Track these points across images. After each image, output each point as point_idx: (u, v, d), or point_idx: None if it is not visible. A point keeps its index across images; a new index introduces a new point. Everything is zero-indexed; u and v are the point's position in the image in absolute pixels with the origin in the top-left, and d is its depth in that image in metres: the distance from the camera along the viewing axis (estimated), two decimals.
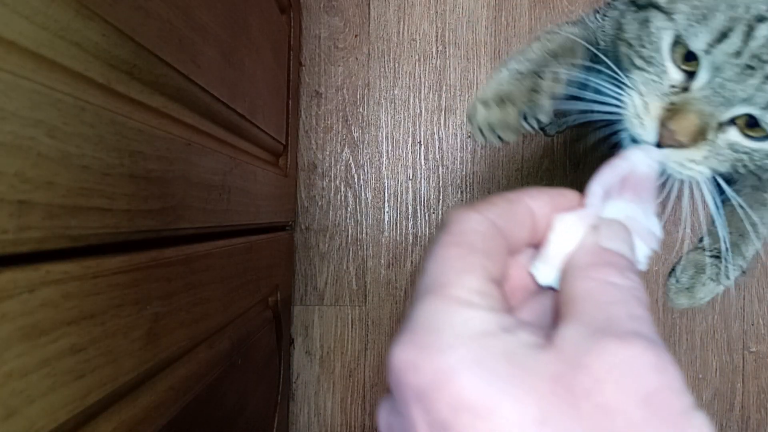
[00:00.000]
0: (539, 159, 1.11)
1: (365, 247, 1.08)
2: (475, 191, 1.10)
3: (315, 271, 1.09)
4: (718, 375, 1.10)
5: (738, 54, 0.37)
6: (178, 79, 0.49)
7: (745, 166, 0.41)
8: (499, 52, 1.11)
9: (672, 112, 0.39)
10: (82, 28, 0.34)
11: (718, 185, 0.45)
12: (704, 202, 0.44)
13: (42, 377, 0.31)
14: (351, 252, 1.09)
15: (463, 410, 0.20)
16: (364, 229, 1.08)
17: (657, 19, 0.41)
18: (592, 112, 0.46)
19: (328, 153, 1.08)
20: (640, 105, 0.40)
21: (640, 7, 0.44)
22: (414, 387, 0.21)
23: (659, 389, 0.20)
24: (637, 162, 0.35)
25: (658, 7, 0.41)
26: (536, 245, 0.29)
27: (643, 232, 0.32)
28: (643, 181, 0.35)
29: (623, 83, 0.43)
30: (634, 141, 0.42)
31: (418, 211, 1.08)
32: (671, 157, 0.40)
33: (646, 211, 0.33)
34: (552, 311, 0.27)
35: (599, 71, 0.46)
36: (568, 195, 0.31)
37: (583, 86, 0.50)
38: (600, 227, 0.28)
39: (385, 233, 1.08)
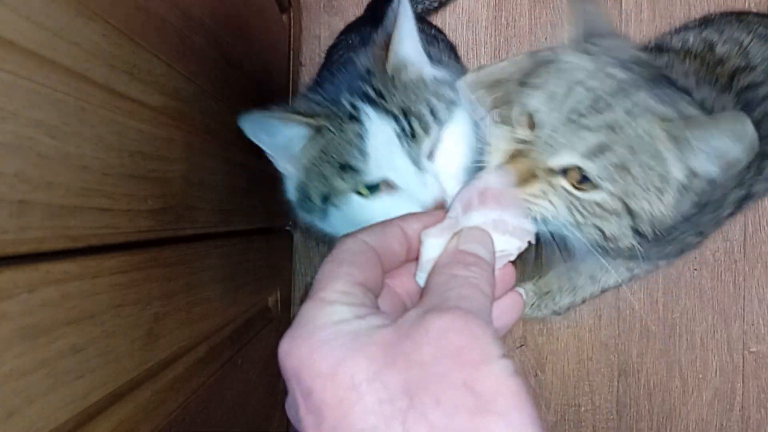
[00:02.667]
0: None
1: None
2: None
3: (315, 271, 1.09)
4: (718, 375, 1.10)
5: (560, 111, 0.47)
6: (178, 79, 0.49)
7: (581, 214, 0.48)
8: (499, 52, 1.11)
9: (513, 156, 0.48)
10: (82, 28, 0.34)
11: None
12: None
13: (42, 377, 0.31)
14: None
15: (318, 377, 0.27)
16: None
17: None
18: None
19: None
20: (495, 150, 0.50)
21: None
22: (290, 369, 0.28)
23: (463, 346, 0.27)
24: (490, 180, 0.43)
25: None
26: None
27: (514, 230, 0.39)
28: (502, 193, 0.42)
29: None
30: None
31: None
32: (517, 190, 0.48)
33: (515, 213, 0.40)
34: None
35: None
36: (434, 214, 0.39)
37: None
38: (461, 233, 0.36)
39: None
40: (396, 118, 0.50)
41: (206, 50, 0.56)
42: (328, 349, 0.27)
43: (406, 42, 0.53)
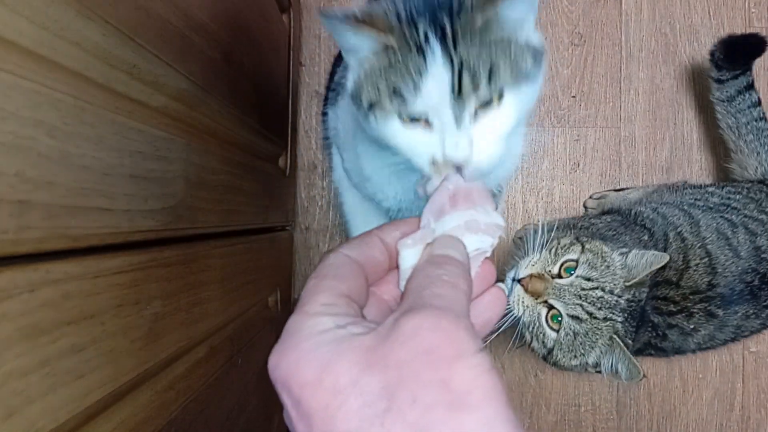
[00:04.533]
0: (539, 159, 1.11)
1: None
2: None
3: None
4: (718, 375, 1.10)
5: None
6: (178, 79, 0.49)
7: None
8: None
9: (538, 275, 0.69)
10: (82, 28, 0.34)
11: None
12: None
13: (42, 377, 0.31)
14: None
15: (305, 386, 0.28)
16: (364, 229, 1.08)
17: None
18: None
19: (328, 153, 1.08)
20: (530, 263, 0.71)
21: None
22: (279, 380, 0.29)
23: (437, 343, 0.28)
24: (457, 181, 0.46)
25: None
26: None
27: (486, 227, 0.41)
28: (471, 191, 0.45)
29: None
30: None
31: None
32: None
33: (486, 210, 0.43)
34: None
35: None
36: (411, 221, 0.41)
37: None
38: (434, 241, 0.38)
39: None
40: (453, 70, 0.50)
41: (206, 50, 0.56)
42: (312, 358, 0.29)
43: (518, 7, 0.51)
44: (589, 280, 0.71)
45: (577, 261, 0.72)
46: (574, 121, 1.11)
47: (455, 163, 0.50)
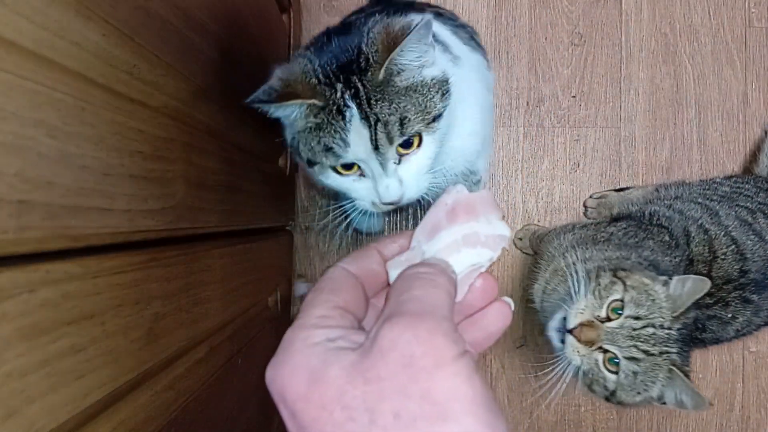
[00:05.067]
0: (539, 159, 1.11)
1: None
2: None
3: (315, 271, 1.09)
4: (718, 375, 1.10)
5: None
6: (178, 79, 0.49)
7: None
8: (499, 51, 1.11)
9: (588, 323, 0.71)
10: (82, 28, 0.34)
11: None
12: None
13: (42, 377, 0.31)
14: (351, 252, 1.09)
15: (298, 399, 0.29)
16: (364, 230, 1.08)
17: None
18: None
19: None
20: (578, 312, 0.73)
21: None
22: (276, 393, 0.30)
23: (414, 353, 0.28)
24: (457, 194, 0.43)
25: None
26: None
27: (487, 239, 0.40)
28: (473, 201, 0.42)
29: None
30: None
31: (418, 210, 1.08)
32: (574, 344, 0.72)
33: (490, 220, 0.41)
34: None
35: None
36: (408, 233, 0.42)
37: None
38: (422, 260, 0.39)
39: (385, 233, 1.08)
40: (370, 125, 0.55)
41: (206, 50, 0.56)
42: (303, 372, 0.29)
43: (409, 54, 0.56)
44: (638, 318, 0.70)
45: (622, 300, 0.71)
46: (574, 121, 1.11)
47: (390, 203, 0.58)
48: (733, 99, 1.11)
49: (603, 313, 0.71)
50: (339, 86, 0.55)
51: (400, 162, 0.58)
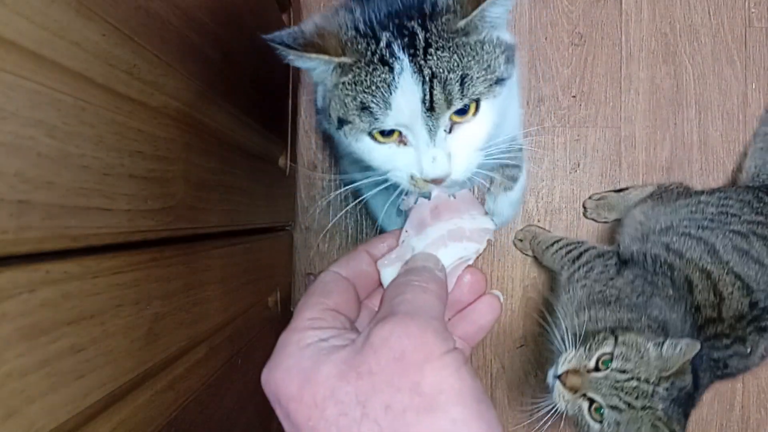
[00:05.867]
0: (539, 159, 1.11)
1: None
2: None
3: (315, 271, 1.09)
4: None
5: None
6: (178, 79, 0.49)
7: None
8: None
9: (574, 370, 0.75)
10: (82, 28, 0.34)
11: None
12: None
13: (42, 377, 0.31)
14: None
15: (291, 400, 0.30)
16: (364, 229, 1.08)
17: None
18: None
19: (328, 153, 1.08)
20: (567, 360, 0.76)
21: None
22: (271, 395, 0.31)
23: (405, 349, 0.29)
24: (439, 195, 0.47)
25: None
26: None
27: (472, 233, 0.42)
28: (454, 201, 0.45)
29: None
30: None
31: None
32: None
33: (473, 216, 0.43)
34: None
35: None
36: (395, 233, 0.43)
37: None
38: (410, 259, 0.40)
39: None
40: (424, 81, 0.46)
41: (206, 50, 0.56)
42: (296, 373, 0.30)
43: (499, 8, 0.48)
44: (623, 372, 0.73)
45: (612, 354, 0.74)
46: (574, 121, 1.11)
47: (434, 179, 0.47)
48: (733, 99, 1.11)
49: (591, 364, 0.75)
50: (385, 35, 0.47)
51: (451, 131, 0.49)
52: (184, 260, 0.51)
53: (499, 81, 0.49)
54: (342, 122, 0.50)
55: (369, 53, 0.47)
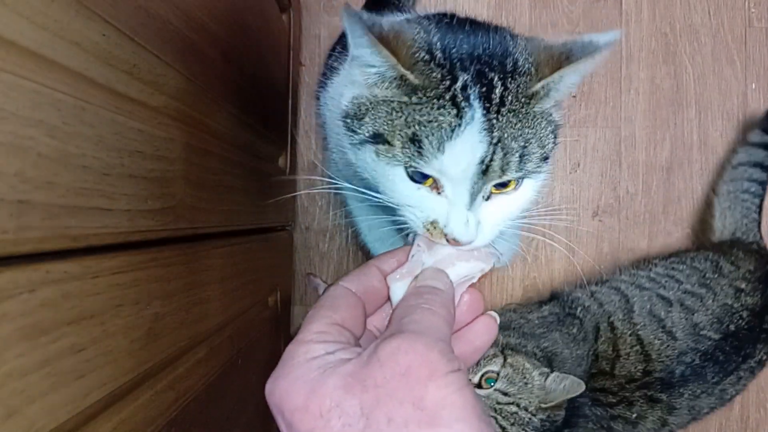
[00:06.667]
0: None
1: (365, 247, 1.08)
2: None
3: (315, 271, 1.09)
4: None
5: None
6: (178, 79, 0.49)
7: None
8: None
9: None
10: (82, 28, 0.34)
11: None
12: None
13: (42, 377, 0.31)
14: (351, 252, 1.09)
15: (295, 411, 0.30)
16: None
17: None
18: None
19: (328, 153, 1.08)
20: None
21: None
22: (274, 405, 0.32)
23: (411, 365, 0.30)
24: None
25: None
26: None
27: (480, 254, 0.43)
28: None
29: None
30: None
31: None
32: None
33: None
34: None
35: None
36: (405, 249, 0.43)
37: None
38: (420, 275, 0.40)
39: None
40: (490, 142, 0.42)
41: (206, 50, 0.56)
42: (301, 384, 0.31)
43: (573, 77, 0.45)
44: (506, 394, 0.73)
45: (497, 373, 0.74)
46: (574, 121, 1.11)
47: (455, 240, 0.43)
48: (733, 99, 1.11)
49: (475, 379, 0.75)
50: (464, 76, 0.43)
51: (488, 198, 0.46)
52: (184, 260, 0.51)
53: (545, 159, 0.46)
54: (378, 138, 0.44)
55: (441, 87, 0.42)
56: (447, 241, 0.44)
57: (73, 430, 0.34)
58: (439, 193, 0.44)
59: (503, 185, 0.45)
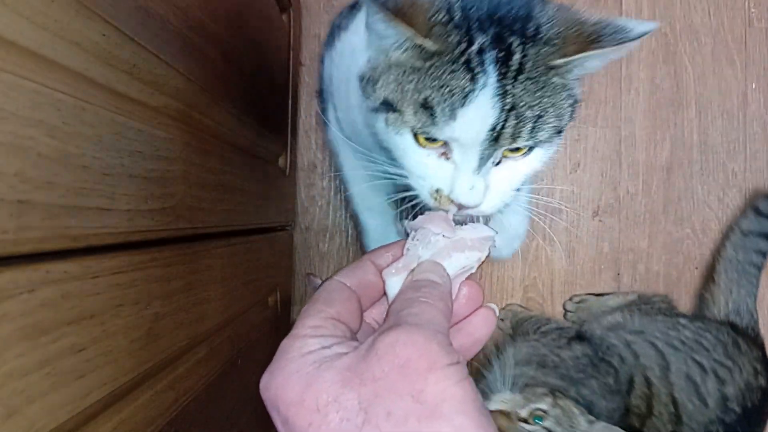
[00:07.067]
0: None
1: (365, 247, 1.08)
2: None
3: (315, 271, 1.09)
4: None
5: None
6: (178, 79, 0.49)
7: None
8: None
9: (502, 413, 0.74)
10: (82, 28, 0.34)
11: None
12: None
13: (42, 377, 0.31)
14: (351, 252, 1.09)
15: (291, 405, 0.30)
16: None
17: None
18: None
19: (328, 153, 1.08)
20: (501, 400, 0.76)
21: None
22: (269, 400, 0.31)
23: (410, 357, 0.29)
24: (443, 214, 0.45)
25: None
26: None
27: (473, 242, 0.42)
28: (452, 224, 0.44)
29: None
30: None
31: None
32: None
33: (474, 226, 0.43)
34: None
35: None
36: (399, 243, 0.42)
37: None
38: (416, 269, 0.40)
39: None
40: (502, 109, 0.41)
41: (206, 50, 0.56)
42: (297, 378, 0.30)
43: (600, 59, 0.44)
44: None
45: (546, 412, 0.74)
46: (574, 121, 1.11)
47: (461, 205, 0.44)
48: (733, 99, 1.11)
49: (523, 413, 0.75)
50: (480, 38, 0.41)
51: (498, 164, 0.46)
52: (184, 260, 0.51)
53: (559, 132, 0.46)
54: (388, 106, 0.44)
55: (456, 50, 0.41)
56: (455, 207, 0.44)
57: (73, 430, 0.34)
58: (447, 159, 0.44)
59: (515, 150, 0.45)
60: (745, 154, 1.11)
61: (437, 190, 0.45)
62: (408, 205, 0.50)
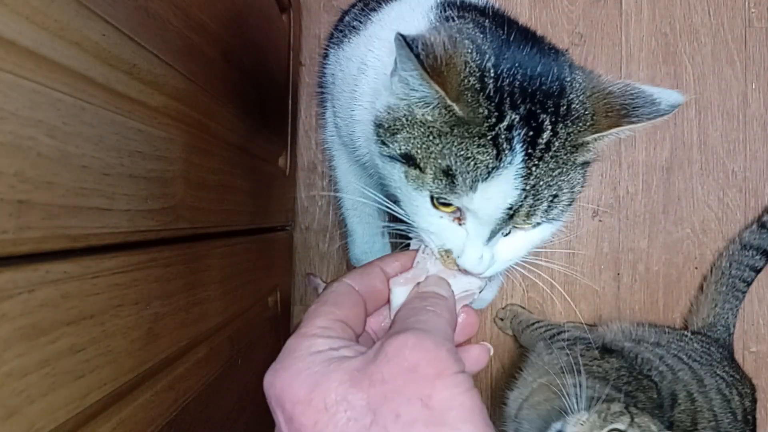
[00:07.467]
0: None
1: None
2: None
3: (315, 271, 1.09)
4: None
5: None
6: (178, 79, 0.49)
7: None
8: None
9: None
10: (82, 28, 0.34)
11: None
12: None
13: (42, 377, 0.31)
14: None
15: (297, 403, 0.30)
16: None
17: None
18: None
19: (328, 153, 1.08)
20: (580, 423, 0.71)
21: None
22: (273, 397, 0.31)
23: (419, 362, 0.30)
24: None
25: None
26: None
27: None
28: None
29: None
30: None
31: None
32: None
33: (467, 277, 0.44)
34: None
35: None
36: (411, 254, 0.43)
37: None
38: (424, 281, 0.41)
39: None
40: (524, 190, 0.41)
41: (206, 50, 0.56)
42: (305, 377, 0.30)
43: (635, 131, 0.44)
44: None
45: None
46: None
47: (466, 271, 0.43)
48: (733, 99, 1.11)
49: None
50: (511, 115, 0.40)
51: (508, 234, 0.45)
52: (184, 260, 0.51)
53: (572, 206, 0.46)
54: (410, 161, 0.42)
55: (485, 125, 0.40)
56: (459, 269, 0.43)
57: (73, 430, 0.34)
58: (460, 224, 0.43)
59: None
60: (745, 154, 1.11)
61: (447, 251, 0.44)
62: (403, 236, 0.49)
